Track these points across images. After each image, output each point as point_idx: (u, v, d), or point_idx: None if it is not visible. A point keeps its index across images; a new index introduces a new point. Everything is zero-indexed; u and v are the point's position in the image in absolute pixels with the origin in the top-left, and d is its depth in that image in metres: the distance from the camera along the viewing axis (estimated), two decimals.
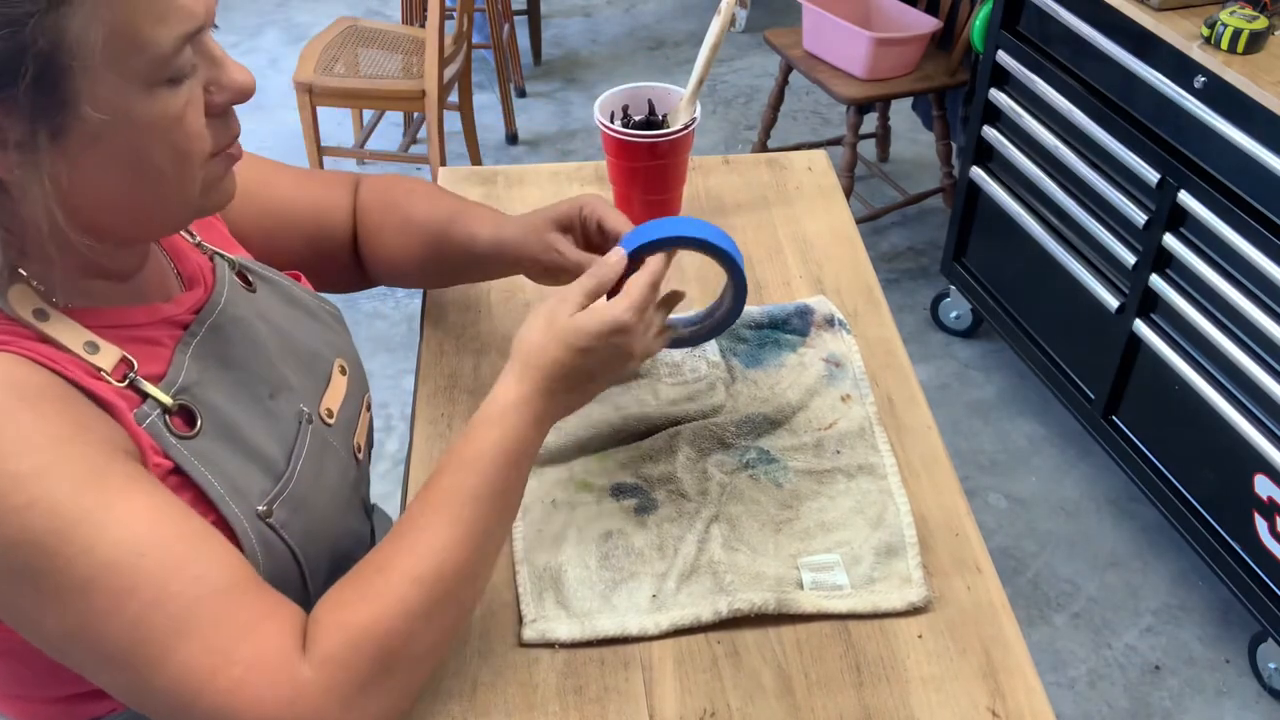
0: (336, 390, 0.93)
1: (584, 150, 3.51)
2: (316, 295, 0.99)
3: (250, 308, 0.88)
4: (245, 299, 0.88)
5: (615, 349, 0.86)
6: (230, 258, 0.90)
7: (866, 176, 3.29)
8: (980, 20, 2.57)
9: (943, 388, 2.66)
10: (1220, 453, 1.95)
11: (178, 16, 0.67)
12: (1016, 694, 0.87)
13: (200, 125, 0.72)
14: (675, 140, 1.22)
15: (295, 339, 0.91)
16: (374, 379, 2.66)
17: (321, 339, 0.95)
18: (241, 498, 0.78)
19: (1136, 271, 2.05)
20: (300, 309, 0.95)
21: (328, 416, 0.90)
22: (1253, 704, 2.02)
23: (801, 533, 0.98)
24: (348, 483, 0.91)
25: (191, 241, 0.88)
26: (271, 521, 0.79)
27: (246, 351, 0.84)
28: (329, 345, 0.95)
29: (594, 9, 4.37)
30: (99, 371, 0.73)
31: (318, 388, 0.91)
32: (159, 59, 0.67)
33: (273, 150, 3.46)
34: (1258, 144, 1.74)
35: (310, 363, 0.91)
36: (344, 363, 0.95)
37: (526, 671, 0.89)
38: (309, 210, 1.07)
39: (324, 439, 0.88)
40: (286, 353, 0.89)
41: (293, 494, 0.82)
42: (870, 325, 1.20)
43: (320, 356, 0.93)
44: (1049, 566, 2.26)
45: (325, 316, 0.98)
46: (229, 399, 0.80)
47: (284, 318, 0.91)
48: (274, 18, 4.27)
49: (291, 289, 0.95)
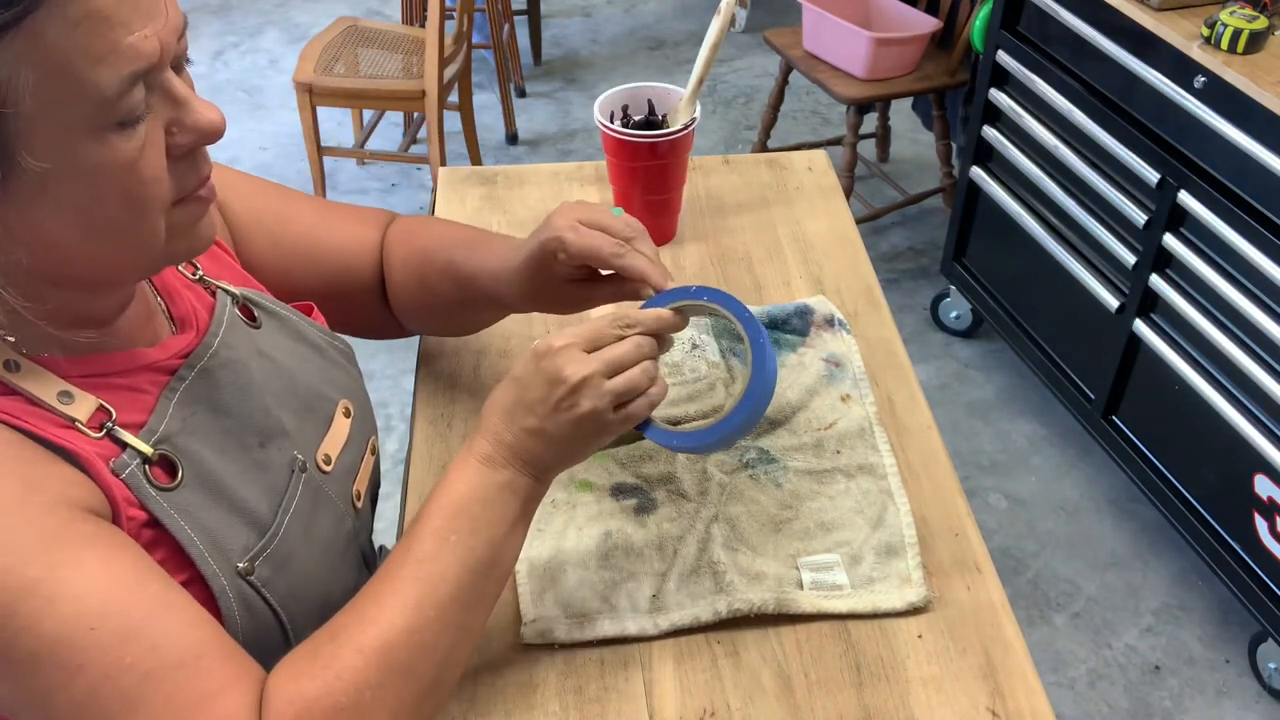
0: (338, 434, 0.88)
1: (584, 150, 3.51)
2: (327, 332, 0.95)
3: (250, 346, 0.84)
4: (245, 336, 0.84)
5: (544, 374, 0.77)
6: (234, 291, 0.86)
7: (866, 176, 3.29)
8: (980, 20, 2.57)
9: (943, 388, 2.66)
10: (1220, 453, 1.95)
11: (122, 57, 0.62)
12: (1016, 694, 0.87)
13: (159, 169, 0.67)
14: (675, 140, 1.22)
15: (298, 378, 0.87)
16: (374, 379, 2.66)
17: (327, 378, 0.91)
18: (221, 553, 0.74)
19: (1136, 271, 2.05)
20: (307, 345, 0.91)
21: (325, 464, 0.86)
22: (1253, 704, 2.02)
23: (801, 533, 0.98)
24: (342, 534, 0.87)
25: (191, 278, 0.84)
26: (253, 579, 0.75)
27: (238, 397, 0.80)
28: (334, 385, 0.91)
29: (594, 9, 4.37)
30: (72, 422, 0.70)
31: (317, 432, 0.87)
32: (102, 102, 0.62)
33: (273, 150, 3.47)
34: (1258, 144, 1.74)
35: (312, 404, 0.87)
36: (349, 404, 0.91)
37: (526, 671, 0.89)
38: (330, 246, 1.02)
39: (318, 489, 0.84)
40: (286, 394, 0.85)
41: (278, 550, 0.78)
42: (870, 325, 1.20)
43: (323, 397, 0.89)
44: (1049, 566, 2.26)
45: (334, 354, 0.94)
46: (215, 448, 0.77)
47: (288, 355, 0.87)
48: (274, 18, 4.27)
49: (299, 324, 0.91)
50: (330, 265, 1.01)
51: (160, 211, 0.68)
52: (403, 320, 1.08)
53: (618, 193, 1.29)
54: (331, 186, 3.30)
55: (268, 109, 3.70)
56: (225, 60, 4.00)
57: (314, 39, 3.00)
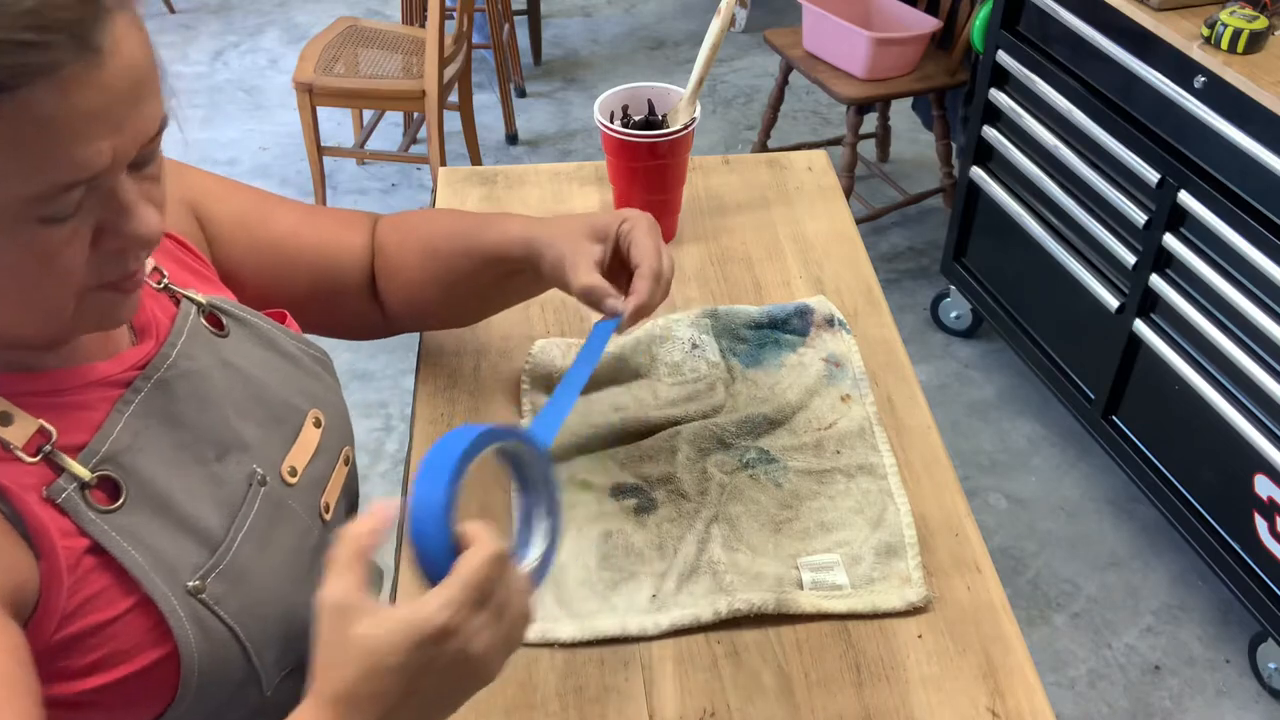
0: (305, 445, 0.86)
1: (584, 150, 3.50)
2: (302, 339, 0.92)
3: (213, 355, 0.82)
4: (209, 346, 0.82)
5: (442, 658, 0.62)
6: (199, 299, 0.83)
7: (866, 176, 3.29)
8: (980, 20, 2.57)
9: (943, 388, 2.66)
10: (1220, 453, 1.95)
11: (65, 168, 0.59)
12: (1016, 694, 0.87)
13: (77, 263, 0.64)
14: (675, 140, 1.22)
15: (266, 388, 0.85)
16: (374, 379, 2.66)
17: (298, 387, 0.88)
18: (169, 573, 0.72)
19: (1136, 271, 2.05)
20: (278, 354, 0.88)
21: (289, 475, 0.84)
22: (1253, 704, 2.02)
23: (801, 533, 0.98)
24: (307, 547, 0.84)
25: (156, 286, 0.82)
26: (204, 598, 0.73)
27: (196, 409, 0.78)
28: (305, 394, 0.88)
29: (594, 9, 4.37)
30: (7, 447, 0.68)
31: (283, 443, 0.84)
32: (31, 200, 0.60)
33: (273, 150, 3.47)
34: (1258, 144, 1.74)
35: (279, 414, 0.85)
36: (320, 414, 0.89)
37: (526, 671, 0.89)
38: (314, 248, 1.00)
39: (279, 502, 0.82)
40: (251, 404, 0.83)
41: (231, 565, 0.76)
42: (870, 325, 1.20)
43: (292, 407, 0.86)
44: (1049, 566, 2.26)
45: (308, 362, 0.91)
46: (167, 462, 0.75)
47: (257, 363, 0.85)
48: (274, 18, 4.27)
49: (271, 332, 0.89)
50: (315, 266, 1.00)
51: (69, 296, 0.66)
52: (400, 316, 1.07)
53: (618, 193, 1.29)
54: (331, 186, 3.30)
55: (268, 109, 3.70)
56: (225, 60, 4.00)
57: (314, 39, 3.00)
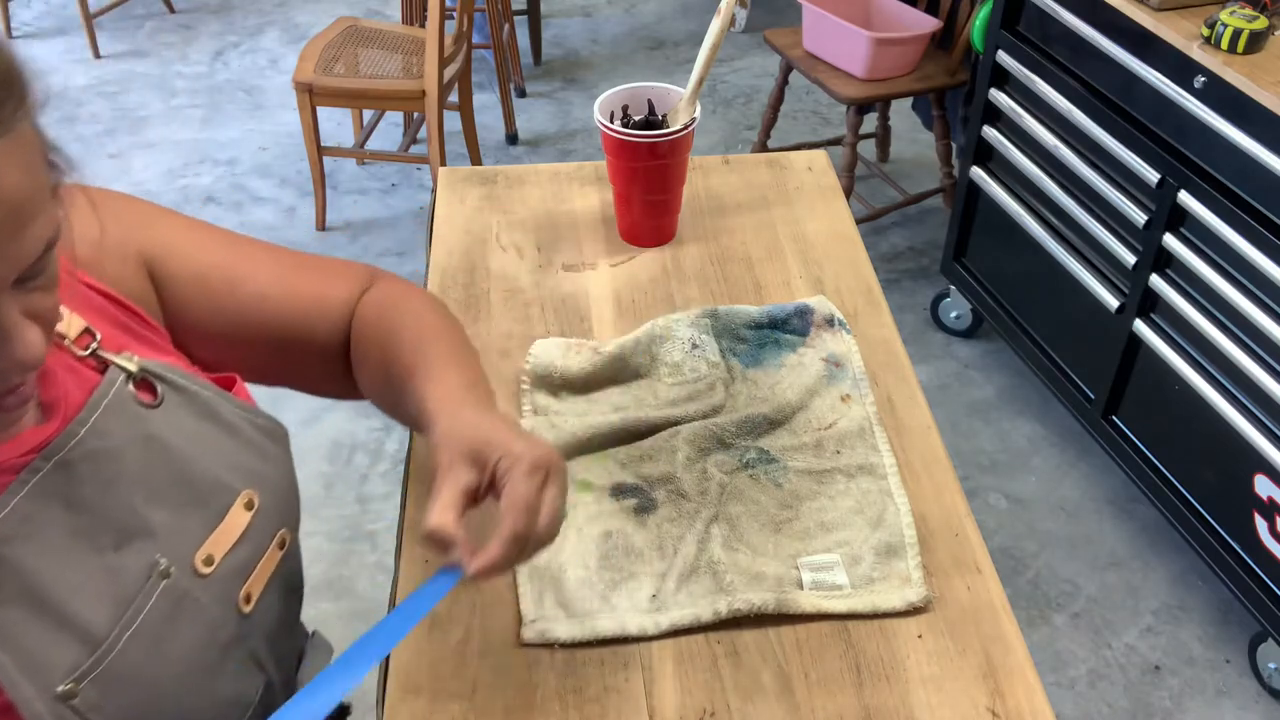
0: (230, 530, 0.79)
1: (584, 150, 3.51)
2: (251, 410, 0.84)
3: (134, 430, 0.75)
4: (132, 419, 0.75)
5: None
6: (130, 366, 0.76)
7: (866, 176, 3.29)
8: (980, 20, 2.57)
9: (943, 388, 2.66)
10: (1220, 453, 1.95)
11: None
12: (1016, 694, 0.87)
13: None
14: (675, 140, 1.22)
15: (192, 466, 0.78)
16: None
17: (232, 464, 0.81)
18: (38, 675, 0.67)
19: (1136, 271, 2.05)
20: (218, 426, 0.81)
21: (204, 565, 0.77)
22: (1253, 704, 2.02)
23: (801, 533, 0.98)
24: (216, 643, 0.77)
25: (81, 352, 0.76)
26: (76, 704, 0.68)
27: (99, 492, 0.72)
28: (241, 472, 0.81)
29: (594, 9, 4.37)
30: None
31: (202, 528, 0.77)
32: None
33: (273, 150, 3.47)
34: (1258, 144, 1.74)
35: (203, 496, 0.78)
36: (255, 494, 0.81)
37: (526, 671, 0.89)
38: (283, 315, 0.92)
39: (183, 595, 0.75)
40: (171, 485, 0.76)
41: (113, 667, 0.70)
42: (870, 325, 1.20)
43: (221, 487, 0.79)
44: (1049, 566, 2.26)
45: (253, 435, 0.83)
46: (56, 551, 0.70)
47: (188, 437, 0.78)
48: (274, 18, 4.27)
49: (213, 401, 0.81)
50: (282, 331, 0.92)
51: None
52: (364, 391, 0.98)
53: (618, 193, 1.29)
54: (331, 186, 3.30)
55: (268, 109, 3.70)
56: (225, 60, 4.00)
57: (314, 39, 3.01)
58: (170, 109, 3.70)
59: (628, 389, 1.12)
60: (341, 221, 3.19)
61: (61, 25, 4.20)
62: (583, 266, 1.28)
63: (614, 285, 1.26)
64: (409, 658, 0.89)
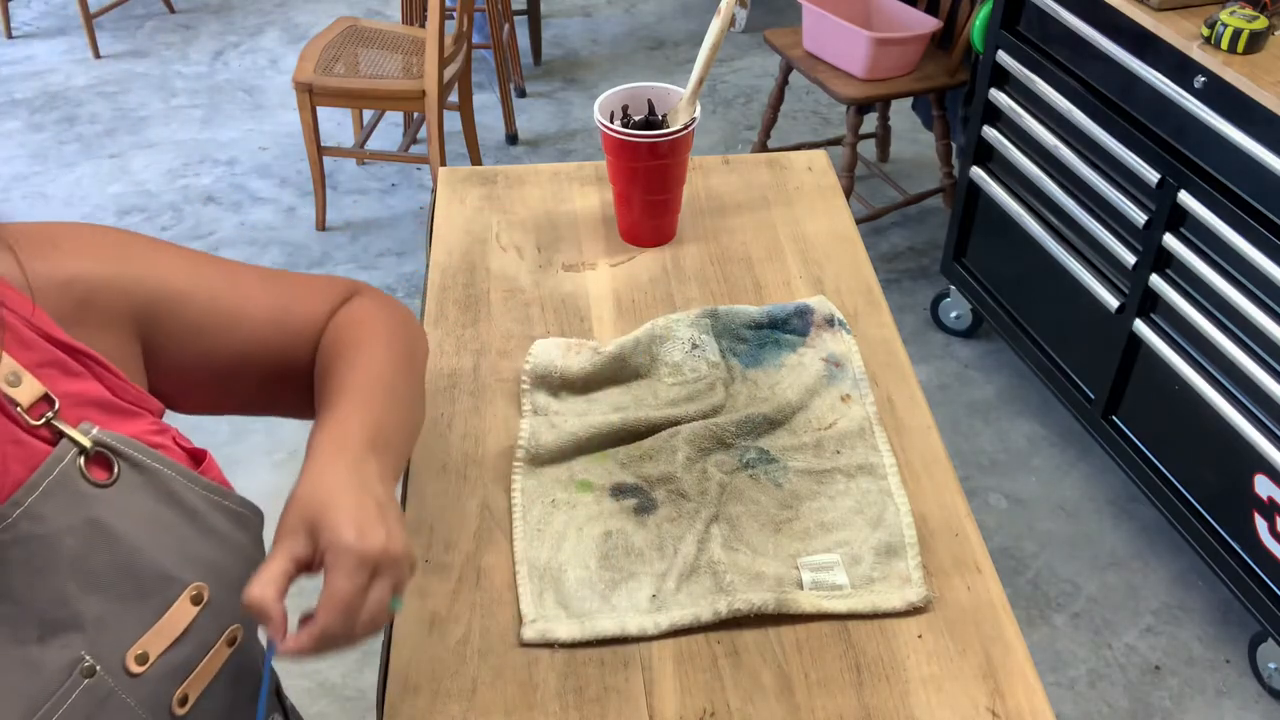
0: (169, 627, 0.72)
1: (584, 150, 3.51)
2: (220, 492, 0.77)
3: (75, 514, 0.68)
4: (75, 500, 0.69)
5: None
6: (85, 441, 0.70)
7: (866, 176, 3.29)
8: (980, 20, 2.57)
9: (943, 388, 2.66)
10: (1220, 453, 1.95)
11: None
12: (1016, 694, 0.87)
13: None
14: (675, 140, 1.22)
15: (138, 555, 0.71)
16: None
17: (184, 554, 0.73)
18: None
19: (1136, 271, 2.05)
20: (176, 510, 0.73)
21: (136, 663, 0.70)
22: (1253, 704, 2.02)
23: (801, 533, 0.98)
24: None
25: (34, 422, 0.69)
26: None
27: (28, 580, 0.67)
28: (193, 563, 0.73)
29: (594, 9, 4.37)
30: None
31: (138, 624, 0.70)
32: None
33: (273, 150, 3.47)
34: (1258, 144, 1.74)
35: (144, 589, 0.71)
36: (205, 588, 0.73)
37: (526, 671, 0.89)
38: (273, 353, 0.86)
39: (108, 697, 0.69)
40: (110, 574, 0.70)
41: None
42: (870, 325, 1.20)
43: (167, 580, 0.72)
44: (1049, 566, 2.26)
45: (216, 522, 0.76)
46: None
47: (139, 521, 0.71)
48: (274, 18, 4.27)
49: (174, 483, 0.73)
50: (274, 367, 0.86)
51: None
52: None
53: (618, 193, 1.29)
54: (331, 186, 3.30)
55: (268, 109, 3.70)
56: (225, 60, 4.00)
57: (314, 39, 3.01)
58: (170, 109, 3.70)
59: (628, 389, 1.12)
60: (341, 221, 3.19)
61: (61, 25, 4.20)
62: (583, 266, 1.28)
63: (614, 285, 1.26)
64: (409, 658, 0.89)
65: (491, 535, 0.98)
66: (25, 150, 3.49)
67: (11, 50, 4.05)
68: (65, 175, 3.38)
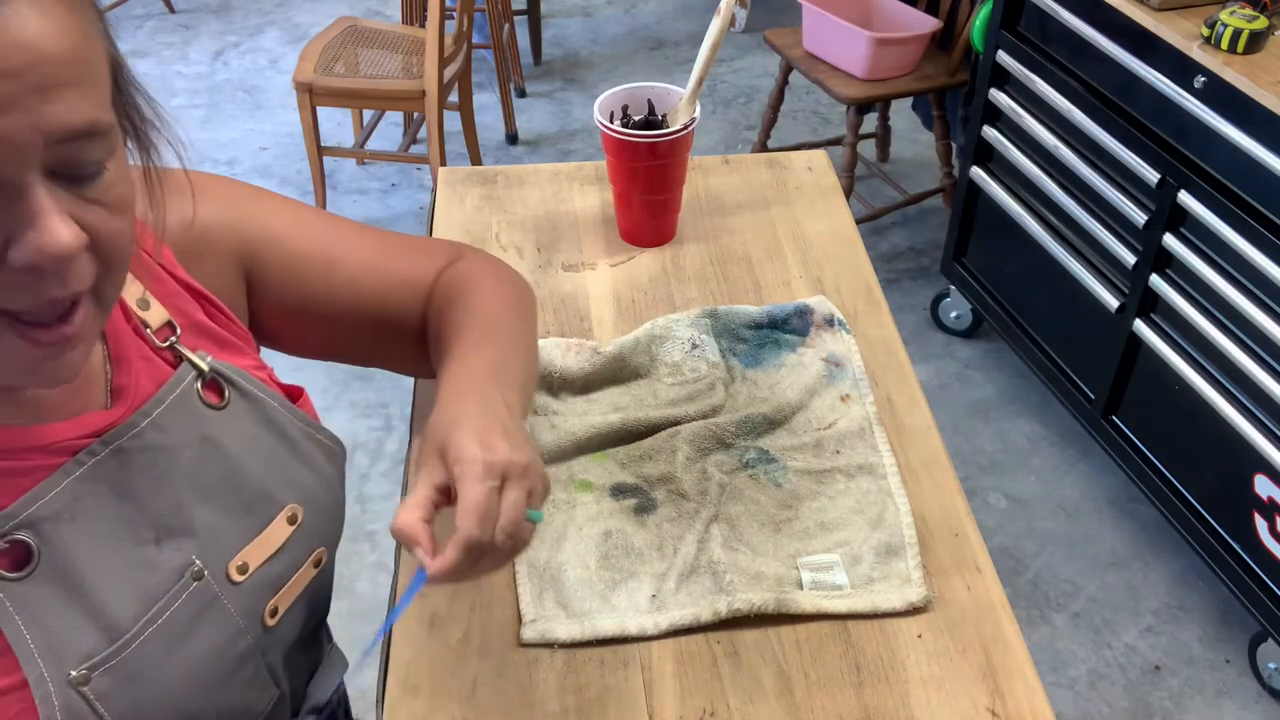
0: (268, 542, 0.79)
1: (584, 150, 3.51)
2: (313, 424, 0.84)
3: (193, 430, 0.75)
4: (193, 419, 0.75)
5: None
6: (203, 365, 0.77)
7: (866, 176, 3.29)
8: (980, 20, 2.57)
9: (943, 388, 2.66)
10: (1220, 453, 1.95)
11: None
12: (1016, 694, 0.87)
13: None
14: (675, 140, 1.22)
15: (243, 473, 0.78)
16: (374, 379, 2.66)
17: (284, 477, 0.81)
18: (55, 658, 0.66)
19: (1136, 271, 2.05)
20: (277, 436, 0.81)
21: (237, 573, 0.76)
22: (1253, 704, 2.02)
23: (801, 533, 0.98)
24: (233, 653, 0.76)
25: (160, 344, 0.76)
26: (85, 690, 0.67)
27: (150, 485, 0.73)
28: (290, 486, 0.81)
29: (594, 9, 4.37)
30: None
31: (242, 536, 0.77)
32: None
33: (273, 150, 3.47)
34: (1258, 144, 1.74)
35: (251, 504, 0.78)
36: (299, 510, 0.81)
37: (526, 671, 0.89)
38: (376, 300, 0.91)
39: (212, 600, 0.75)
40: (220, 489, 0.76)
41: (127, 661, 0.69)
42: (870, 325, 1.20)
43: (269, 498, 0.79)
44: (1049, 566, 2.26)
45: (309, 450, 0.83)
46: (98, 537, 0.70)
47: (245, 445, 0.79)
48: (274, 18, 4.27)
49: (276, 412, 0.81)
50: (372, 313, 0.91)
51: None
52: None
53: (618, 193, 1.29)
54: (331, 186, 3.30)
55: (268, 109, 3.70)
56: (225, 60, 4.00)
57: (314, 39, 3.00)
58: (170, 109, 3.69)
59: (628, 389, 1.12)
60: None
61: None
62: (583, 266, 1.28)
63: (614, 285, 1.26)
64: (409, 657, 0.89)
65: None
66: None
67: None
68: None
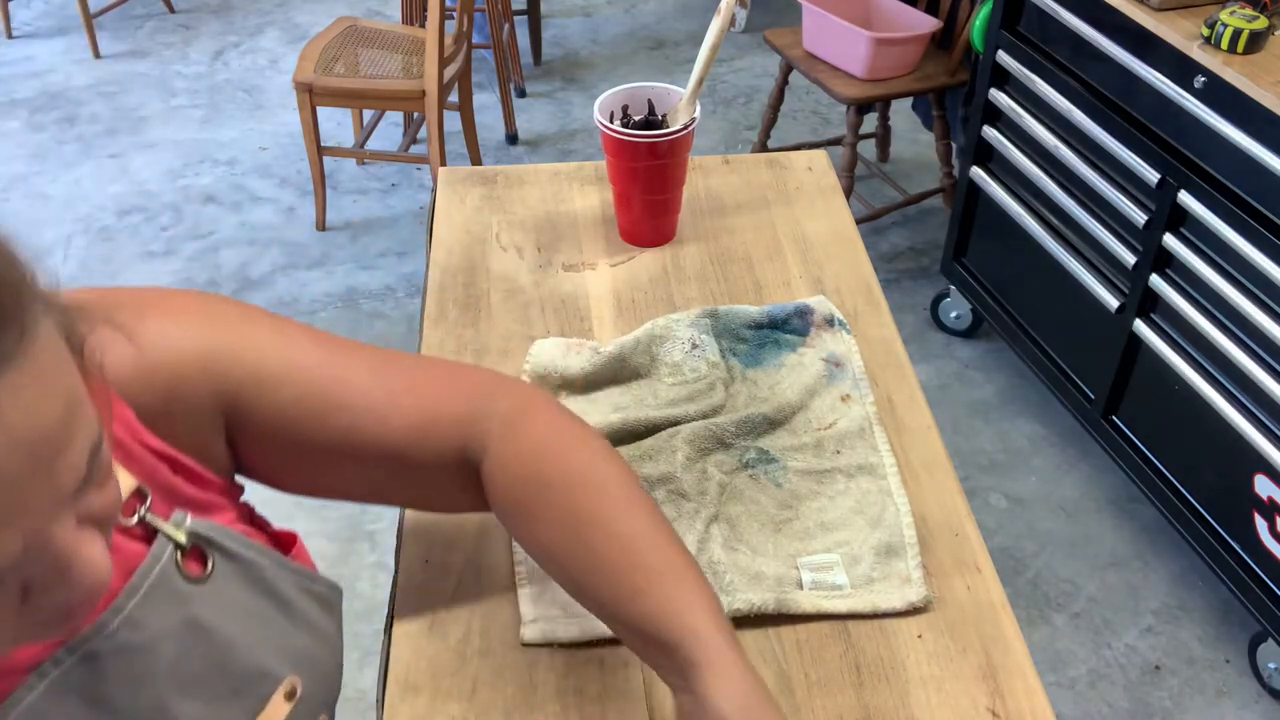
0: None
1: (584, 150, 3.51)
2: (308, 576, 0.76)
3: (175, 614, 0.67)
4: (172, 603, 0.67)
5: None
6: (181, 537, 0.67)
7: (866, 176, 3.29)
8: (980, 20, 2.57)
9: (943, 388, 2.66)
10: (1220, 453, 1.95)
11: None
12: (1016, 694, 0.87)
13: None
14: (675, 140, 1.22)
15: (233, 652, 0.69)
16: None
17: (279, 647, 0.72)
18: None
19: (1136, 271, 2.05)
20: (271, 600, 0.73)
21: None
22: (1253, 704, 2.02)
23: (801, 533, 0.98)
24: None
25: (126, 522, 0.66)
26: None
27: (126, 690, 0.64)
28: (287, 655, 0.73)
29: (594, 9, 4.37)
30: None
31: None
32: None
33: (273, 150, 3.47)
34: (1258, 144, 1.74)
35: (242, 686, 0.70)
36: (298, 681, 0.73)
37: (526, 671, 0.89)
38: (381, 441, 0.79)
39: None
40: (207, 674, 0.68)
41: None
42: (870, 325, 1.20)
43: (264, 675, 0.71)
44: (1049, 566, 2.26)
45: (306, 608, 0.75)
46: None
47: (235, 616, 0.70)
48: (274, 18, 4.27)
49: (268, 572, 0.72)
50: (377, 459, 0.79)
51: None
52: None
53: (618, 193, 1.29)
54: (331, 186, 3.30)
55: (268, 109, 3.70)
56: (225, 60, 4.00)
57: (314, 39, 3.01)
58: (170, 109, 3.70)
59: (627, 389, 1.12)
60: (341, 221, 3.19)
61: (61, 25, 4.20)
62: (583, 266, 1.28)
63: (614, 285, 1.26)
64: (409, 658, 0.89)
65: (491, 535, 0.98)
66: (25, 150, 3.49)
67: (11, 50, 4.05)
68: (65, 175, 3.38)
